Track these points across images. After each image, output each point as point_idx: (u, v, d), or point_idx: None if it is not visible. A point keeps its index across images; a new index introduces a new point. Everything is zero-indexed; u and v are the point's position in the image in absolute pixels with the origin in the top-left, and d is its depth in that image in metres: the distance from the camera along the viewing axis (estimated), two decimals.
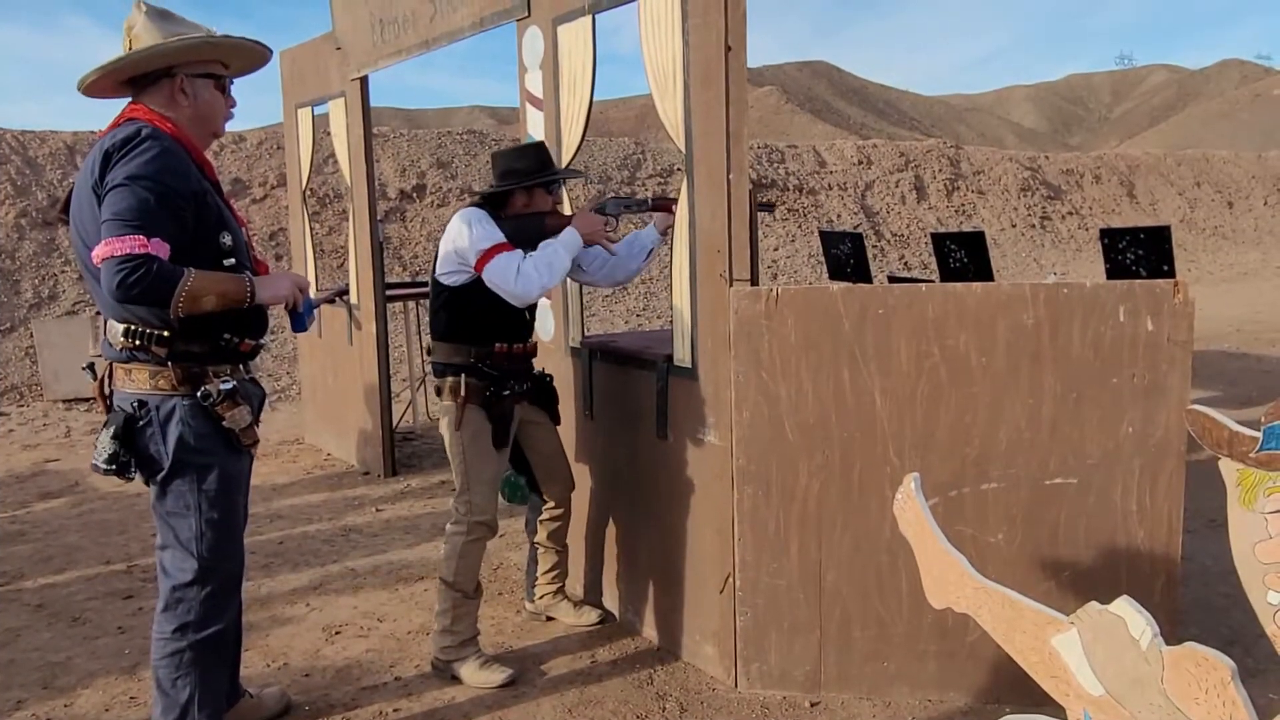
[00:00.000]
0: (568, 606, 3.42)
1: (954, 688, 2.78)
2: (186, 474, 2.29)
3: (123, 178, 2.09)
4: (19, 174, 9.35)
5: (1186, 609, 3.15)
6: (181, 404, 2.27)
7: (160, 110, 2.29)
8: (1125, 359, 2.57)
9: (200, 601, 2.33)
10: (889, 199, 15.84)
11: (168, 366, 2.25)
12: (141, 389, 2.26)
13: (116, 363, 2.29)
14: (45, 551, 4.31)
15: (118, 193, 2.09)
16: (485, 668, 2.99)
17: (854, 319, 2.67)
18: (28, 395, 7.61)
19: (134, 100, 2.32)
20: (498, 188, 2.99)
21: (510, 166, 2.99)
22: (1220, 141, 50.67)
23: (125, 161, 2.11)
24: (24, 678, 3.10)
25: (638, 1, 2.93)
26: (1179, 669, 1.32)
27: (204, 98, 2.35)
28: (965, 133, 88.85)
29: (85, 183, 2.19)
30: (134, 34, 2.27)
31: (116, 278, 2.04)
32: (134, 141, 2.13)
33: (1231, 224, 19.89)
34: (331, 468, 5.73)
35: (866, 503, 2.74)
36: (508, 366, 3.00)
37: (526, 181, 2.96)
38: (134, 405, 2.25)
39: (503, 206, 2.99)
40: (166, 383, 2.25)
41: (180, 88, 2.31)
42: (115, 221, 2.07)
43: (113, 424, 2.24)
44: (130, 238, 2.05)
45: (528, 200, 3.00)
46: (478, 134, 13.20)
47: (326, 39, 5.33)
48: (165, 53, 2.26)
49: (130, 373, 2.27)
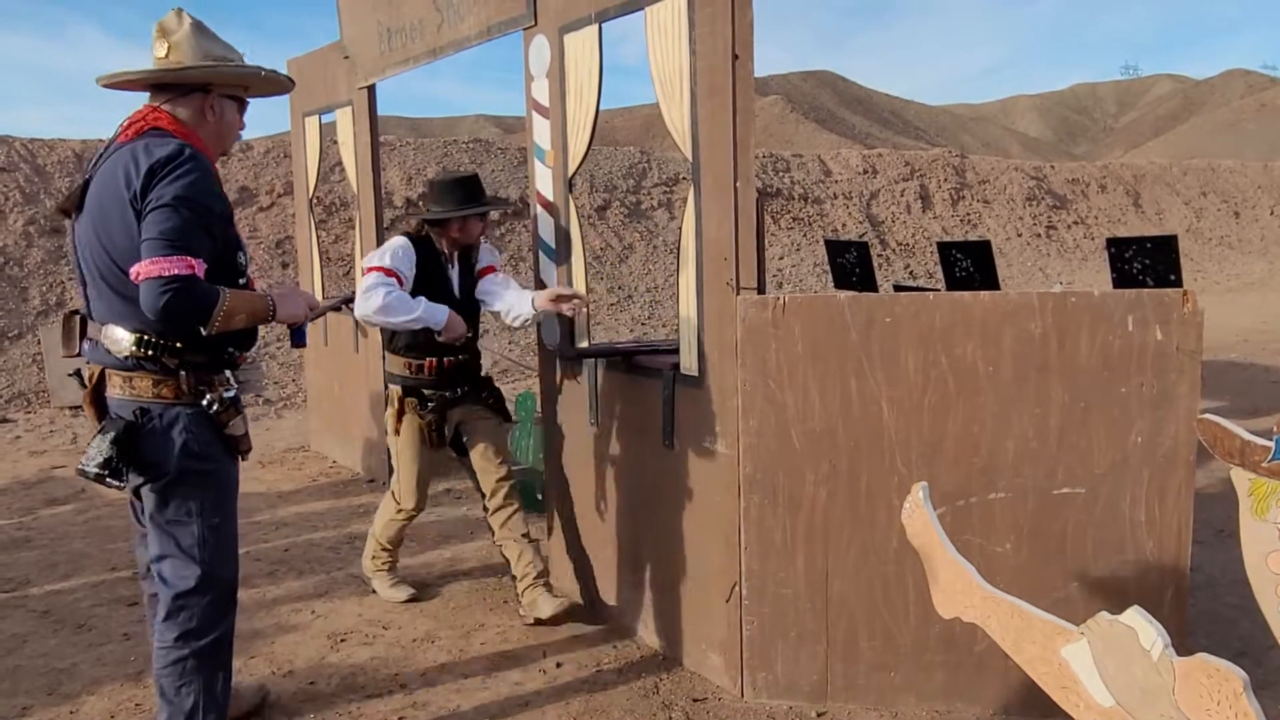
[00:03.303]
0: (548, 598, 3.39)
1: (961, 699, 2.77)
2: (189, 481, 2.31)
3: (170, 198, 2.15)
4: (27, 182, 9.39)
5: (1195, 620, 3.13)
6: (185, 412, 2.30)
7: (185, 122, 2.36)
8: (1133, 368, 2.56)
9: (202, 609, 2.35)
10: (894, 208, 15.84)
11: (174, 376, 2.29)
12: (143, 397, 2.28)
13: (113, 369, 2.30)
14: (51, 558, 4.32)
15: (164, 212, 2.14)
16: (391, 587, 3.71)
17: (861, 328, 2.67)
18: (35, 402, 7.63)
19: (156, 103, 2.37)
20: (437, 215, 3.38)
21: (447, 195, 3.40)
22: (1226, 151, 50.64)
23: (170, 181, 2.16)
24: (30, 684, 3.10)
25: (644, 10, 2.94)
26: (1190, 680, 1.32)
27: (228, 118, 2.46)
28: (970, 142, 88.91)
29: (117, 191, 2.22)
30: (174, 41, 2.33)
31: (164, 297, 2.10)
32: (179, 161, 2.19)
33: (1238, 234, 19.86)
34: (337, 475, 5.73)
35: (873, 512, 2.73)
36: (438, 380, 3.43)
37: (459, 213, 3.37)
38: (135, 413, 2.27)
39: (439, 229, 3.41)
40: (170, 391, 2.29)
41: (210, 105, 2.40)
42: (161, 241, 2.12)
43: (112, 430, 2.24)
44: (177, 258, 2.11)
45: (461, 226, 3.40)
46: (483, 142, 13.24)
47: (334, 48, 5.35)
48: (222, 74, 2.39)
49: (131, 380, 2.28)
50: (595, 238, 12.19)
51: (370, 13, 4.80)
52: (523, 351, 9.73)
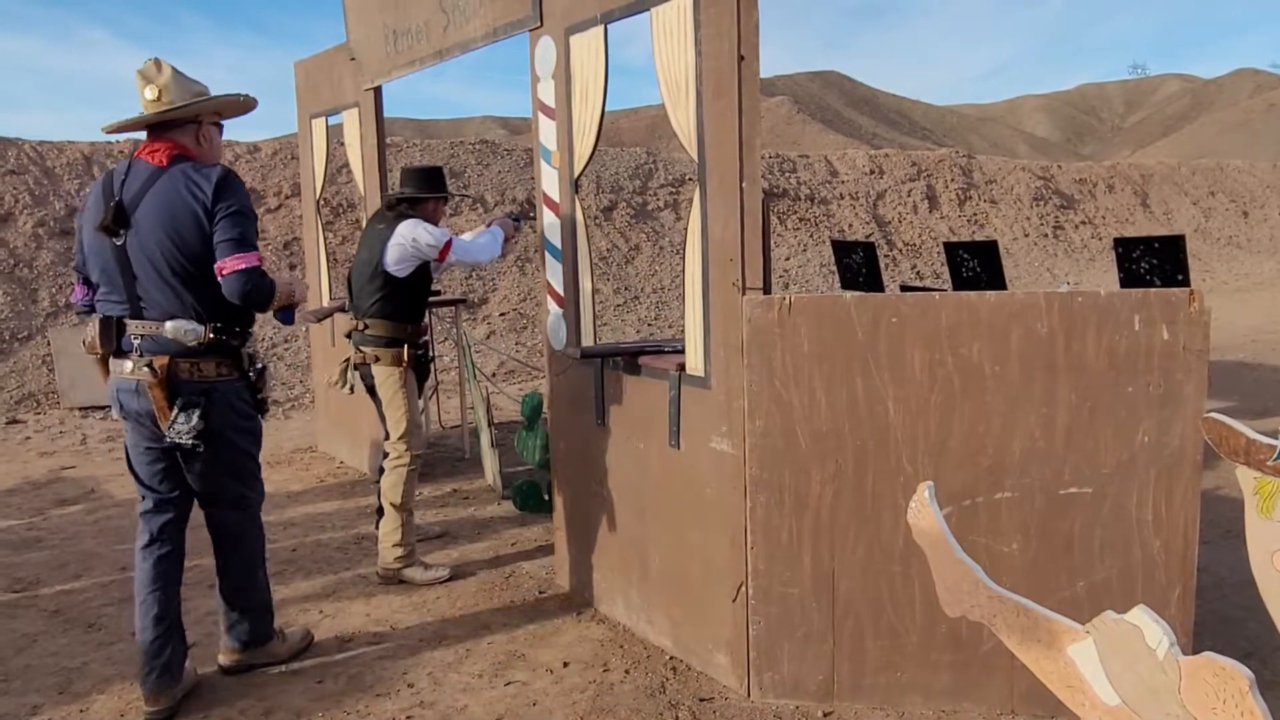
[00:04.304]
0: (418, 569, 3.93)
1: (968, 698, 2.77)
2: (244, 437, 2.98)
3: (238, 207, 2.75)
4: (36, 184, 9.44)
5: (1203, 620, 3.13)
6: (238, 384, 2.92)
7: (191, 148, 2.89)
8: (1140, 368, 2.56)
9: (252, 525, 3.11)
10: (901, 208, 15.82)
11: (234, 354, 2.88)
12: (208, 376, 2.83)
13: (179, 357, 2.79)
14: (61, 558, 4.34)
15: (237, 219, 2.74)
16: (428, 570, 3.94)
17: (867, 328, 2.67)
18: (44, 403, 7.67)
19: (160, 136, 2.85)
20: (424, 195, 3.95)
21: (428, 181, 4.01)
22: (1235, 151, 50.41)
23: (234, 194, 2.76)
24: (40, 683, 3.12)
25: (650, 11, 2.95)
26: (1196, 679, 1.32)
27: (215, 141, 2.99)
28: (977, 142, 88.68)
29: (187, 205, 2.73)
30: (162, 85, 2.83)
31: (249, 284, 2.72)
32: (231, 179, 2.79)
33: (1247, 233, 19.79)
34: (344, 476, 5.74)
35: (880, 512, 2.73)
36: (423, 338, 4.06)
37: (443, 194, 4.03)
38: (206, 389, 2.82)
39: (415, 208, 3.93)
40: (226, 369, 2.87)
41: (203, 132, 2.93)
42: (242, 242, 2.73)
43: (198, 406, 2.79)
44: (254, 254, 2.75)
45: (435, 206, 4.01)
46: (490, 144, 13.26)
47: (340, 50, 5.37)
48: (218, 105, 2.92)
49: (199, 365, 2.82)
50: (601, 238, 12.20)
51: (376, 15, 4.82)
52: (529, 352, 9.75)
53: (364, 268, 3.87)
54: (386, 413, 3.95)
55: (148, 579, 2.91)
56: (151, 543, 2.94)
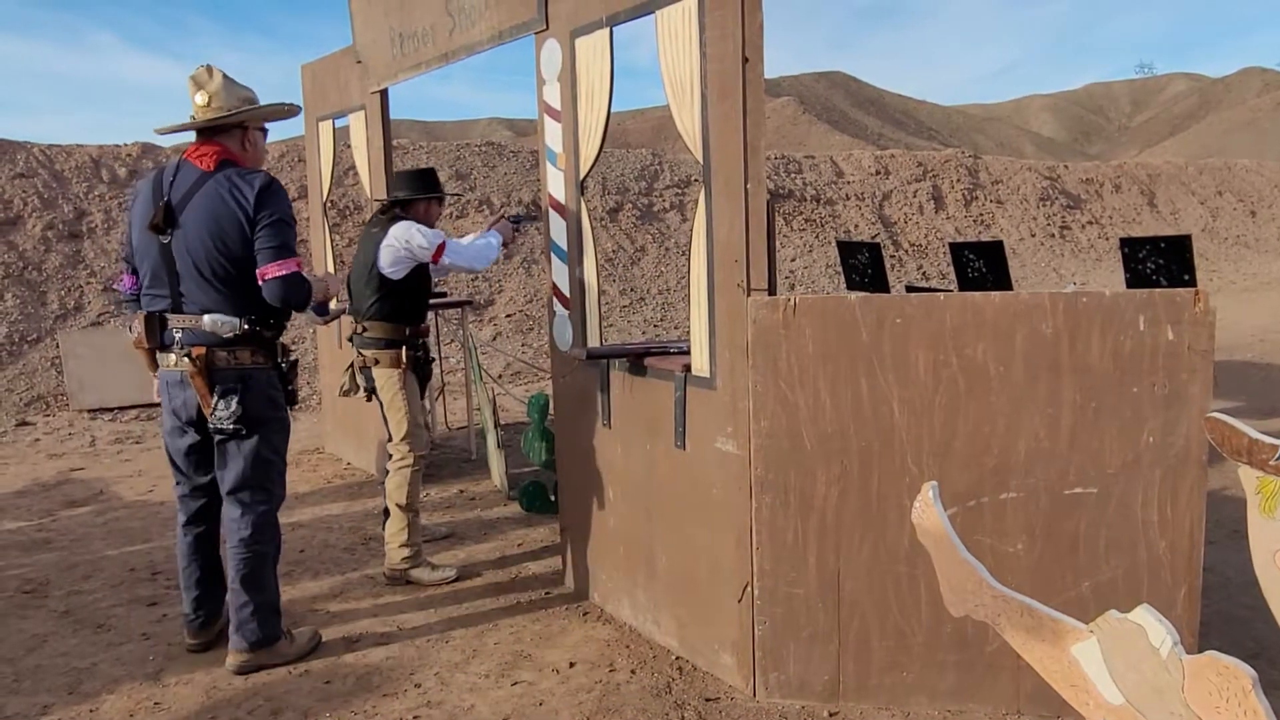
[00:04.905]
0: (425, 569, 3.96)
1: (973, 699, 2.77)
2: (274, 426, 3.11)
3: (279, 215, 2.94)
4: (45, 187, 9.49)
5: (1209, 621, 3.12)
6: (270, 374, 3.09)
7: (237, 152, 3.06)
8: (1145, 368, 2.56)
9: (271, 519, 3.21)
10: (907, 209, 15.81)
11: (269, 345, 3.06)
12: (244, 364, 3.01)
13: (216, 347, 2.96)
14: (71, 559, 4.37)
15: (279, 226, 2.93)
16: (435, 570, 3.96)
17: (872, 328, 2.68)
18: (53, 405, 7.71)
19: (208, 140, 3.03)
20: (416, 196, 4.00)
21: (420, 182, 4.05)
22: (1242, 150, 50.20)
23: (276, 202, 2.95)
24: (50, 683, 3.14)
25: (655, 14, 2.96)
26: (1200, 678, 1.32)
27: (260, 146, 3.19)
28: (984, 142, 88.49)
29: (230, 210, 2.90)
30: (212, 91, 3.00)
31: (287, 289, 2.92)
32: (274, 187, 2.97)
33: (1254, 233, 19.72)
34: (351, 477, 5.77)
35: (885, 512, 2.74)
36: (422, 339, 4.08)
37: (435, 194, 4.07)
38: (242, 377, 3.00)
39: (409, 210, 3.99)
40: (261, 358, 3.04)
41: (249, 138, 3.12)
42: (284, 248, 2.93)
43: (236, 392, 2.98)
44: (293, 260, 2.94)
45: (427, 207, 4.05)
46: (496, 146, 13.29)
47: (347, 53, 5.39)
48: (256, 114, 3.09)
49: (235, 354, 2.99)
50: (607, 240, 12.22)
51: (383, 18, 4.84)
52: (535, 354, 9.76)
53: (361, 271, 3.93)
54: (388, 414, 3.99)
55: (188, 550, 3.27)
56: (189, 522, 3.26)
